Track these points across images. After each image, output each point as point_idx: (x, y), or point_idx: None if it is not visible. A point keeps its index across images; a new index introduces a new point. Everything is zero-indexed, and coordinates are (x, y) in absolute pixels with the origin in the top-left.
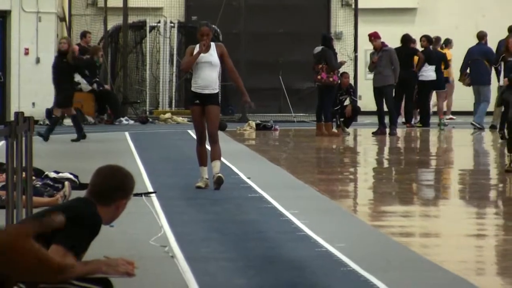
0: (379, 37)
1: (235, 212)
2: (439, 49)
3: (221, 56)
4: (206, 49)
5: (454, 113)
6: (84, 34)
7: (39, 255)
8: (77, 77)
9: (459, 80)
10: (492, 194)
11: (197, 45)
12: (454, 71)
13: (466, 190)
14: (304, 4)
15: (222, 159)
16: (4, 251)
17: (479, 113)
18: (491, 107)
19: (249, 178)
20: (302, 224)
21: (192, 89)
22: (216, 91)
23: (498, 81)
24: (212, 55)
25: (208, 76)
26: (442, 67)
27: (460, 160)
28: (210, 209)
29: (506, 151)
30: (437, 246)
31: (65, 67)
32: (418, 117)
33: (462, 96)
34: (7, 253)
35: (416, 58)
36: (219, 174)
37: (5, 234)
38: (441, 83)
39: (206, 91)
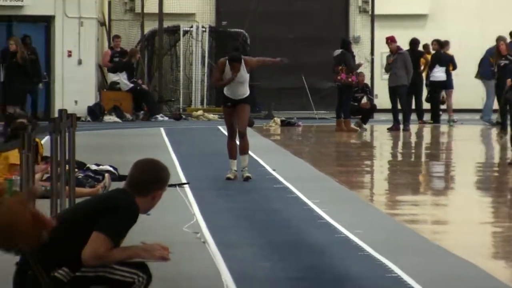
0: (395, 41)
1: (261, 201)
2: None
3: (250, 69)
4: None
5: (462, 111)
6: (113, 39)
7: (34, 214)
8: (117, 77)
9: None
10: (497, 185)
11: (226, 61)
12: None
13: (473, 181)
14: (325, 11)
15: (250, 152)
16: (8, 223)
17: (485, 111)
18: (495, 105)
19: (274, 170)
20: (323, 212)
21: (225, 93)
22: (246, 95)
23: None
24: (243, 76)
25: (239, 90)
26: (450, 68)
27: (468, 153)
28: (239, 199)
29: (510, 145)
30: (446, 233)
31: (14, 66)
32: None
33: (469, 95)
34: (12, 224)
35: (422, 60)
36: (248, 174)
37: (3, 207)
38: (450, 83)
39: (238, 98)
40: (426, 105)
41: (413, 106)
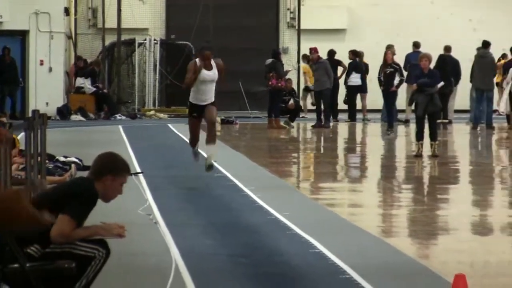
0: (317, 52)
1: (205, 188)
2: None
3: (219, 71)
4: (209, 67)
5: (375, 111)
6: (79, 58)
7: (30, 213)
8: (80, 81)
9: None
10: (404, 173)
11: (197, 59)
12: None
13: (384, 171)
14: (259, 26)
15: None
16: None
17: (382, 112)
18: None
19: (215, 161)
20: (257, 198)
21: (192, 101)
22: (213, 99)
23: (381, 86)
24: (215, 73)
25: (209, 90)
26: (366, 75)
27: (379, 147)
28: (186, 185)
29: (415, 140)
30: (362, 214)
31: None
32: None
33: (381, 97)
34: (6, 211)
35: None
36: (210, 163)
37: (4, 196)
38: (365, 87)
39: (206, 103)
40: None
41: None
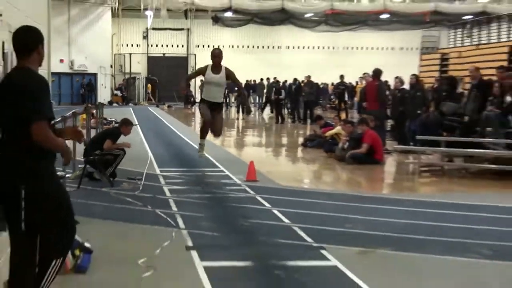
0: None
1: (166, 134)
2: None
3: (228, 77)
4: (216, 71)
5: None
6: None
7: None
8: (115, 92)
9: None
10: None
11: (209, 65)
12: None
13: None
14: (185, 72)
15: (158, 116)
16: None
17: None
18: None
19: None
20: (194, 144)
21: (203, 97)
22: (221, 101)
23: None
24: (222, 77)
25: (216, 93)
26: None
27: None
28: (168, 136)
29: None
30: (236, 148)
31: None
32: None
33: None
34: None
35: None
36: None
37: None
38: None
39: (214, 101)
40: None
41: None
